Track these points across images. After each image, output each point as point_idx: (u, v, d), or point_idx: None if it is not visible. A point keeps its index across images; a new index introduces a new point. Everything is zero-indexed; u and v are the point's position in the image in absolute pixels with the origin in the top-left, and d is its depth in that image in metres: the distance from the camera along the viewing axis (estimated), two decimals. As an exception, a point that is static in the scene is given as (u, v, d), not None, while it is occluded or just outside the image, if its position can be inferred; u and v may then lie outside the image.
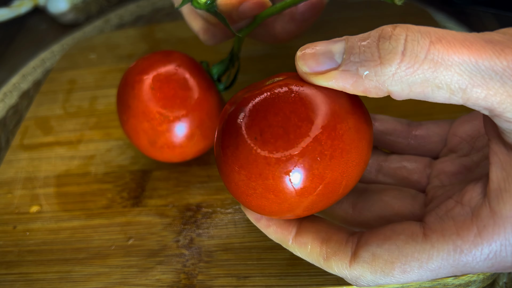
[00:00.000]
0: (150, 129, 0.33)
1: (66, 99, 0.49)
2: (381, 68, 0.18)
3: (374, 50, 0.18)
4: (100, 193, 0.38)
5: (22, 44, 0.65)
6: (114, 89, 0.50)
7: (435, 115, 0.38)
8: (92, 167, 0.41)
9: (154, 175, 0.39)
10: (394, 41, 0.18)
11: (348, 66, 0.19)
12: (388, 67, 0.18)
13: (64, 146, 0.43)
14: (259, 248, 0.32)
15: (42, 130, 0.46)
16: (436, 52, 0.17)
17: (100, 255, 0.34)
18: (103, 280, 0.32)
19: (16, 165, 0.43)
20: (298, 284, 0.30)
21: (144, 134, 0.33)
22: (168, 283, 0.31)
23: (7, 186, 0.41)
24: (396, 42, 0.18)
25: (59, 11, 0.63)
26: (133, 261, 0.33)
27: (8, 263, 0.35)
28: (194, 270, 0.32)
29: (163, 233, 0.34)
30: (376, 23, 0.33)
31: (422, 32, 0.18)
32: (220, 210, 0.35)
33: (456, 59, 0.17)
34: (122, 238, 0.35)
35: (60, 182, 0.40)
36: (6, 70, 0.60)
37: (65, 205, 0.38)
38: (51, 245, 0.35)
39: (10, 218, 0.38)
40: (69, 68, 0.53)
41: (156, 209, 0.36)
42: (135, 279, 0.32)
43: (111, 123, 0.45)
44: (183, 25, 0.56)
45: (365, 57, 0.18)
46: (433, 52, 0.17)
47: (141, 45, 0.54)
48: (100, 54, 0.54)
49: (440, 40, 0.18)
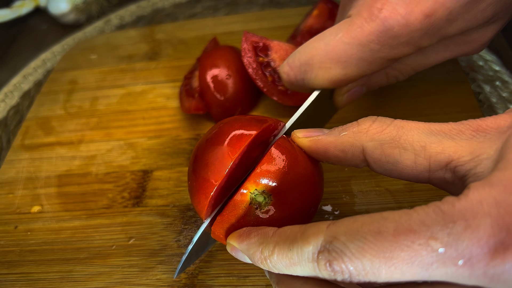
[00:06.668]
0: None
1: (67, 100, 0.49)
2: (357, 127, 0.25)
3: (354, 122, 0.25)
4: (101, 193, 0.39)
5: (23, 45, 0.65)
6: (115, 89, 0.51)
7: (434, 115, 0.38)
8: (93, 167, 0.41)
9: (154, 175, 0.39)
10: (365, 120, 0.25)
11: (332, 132, 0.26)
12: (363, 126, 0.24)
13: (65, 146, 0.44)
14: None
15: (43, 130, 0.46)
16: (398, 122, 0.24)
17: (101, 254, 0.34)
18: (104, 280, 0.32)
19: (17, 165, 0.43)
20: (298, 283, 0.30)
21: None
22: (169, 282, 0.32)
23: (8, 186, 0.41)
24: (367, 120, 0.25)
25: (60, 11, 0.63)
26: (134, 261, 0.33)
27: (9, 263, 0.35)
28: (195, 270, 0.32)
29: (163, 233, 0.35)
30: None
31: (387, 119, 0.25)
32: (221, 210, 0.35)
33: (414, 125, 0.23)
34: (123, 238, 0.35)
35: (61, 182, 0.40)
36: (7, 71, 0.60)
37: (66, 205, 0.38)
38: (52, 245, 0.36)
39: (11, 218, 0.38)
40: (70, 69, 0.53)
41: (157, 209, 0.36)
42: (136, 279, 0.32)
43: (112, 123, 0.45)
44: (183, 26, 0.56)
45: (346, 126, 0.25)
46: (397, 122, 0.24)
47: (141, 46, 0.54)
48: (101, 54, 0.54)
49: (401, 121, 0.24)
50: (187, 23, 0.56)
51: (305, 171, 0.26)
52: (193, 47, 0.52)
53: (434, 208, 0.19)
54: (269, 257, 0.22)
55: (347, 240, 0.19)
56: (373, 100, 0.40)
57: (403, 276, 0.18)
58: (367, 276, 0.19)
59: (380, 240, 0.18)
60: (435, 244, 0.18)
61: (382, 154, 0.24)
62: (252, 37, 0.41)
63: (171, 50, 0.53)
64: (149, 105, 0.46)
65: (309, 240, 0.21)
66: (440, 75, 0.41)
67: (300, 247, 0.21)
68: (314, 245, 0.20)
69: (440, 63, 0.33)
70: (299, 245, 0.21)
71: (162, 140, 0.42)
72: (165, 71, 0.50)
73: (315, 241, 0.20)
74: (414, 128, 0.23)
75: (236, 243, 0.25)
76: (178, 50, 0.52)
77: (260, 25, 0.52)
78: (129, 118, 0.45)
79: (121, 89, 0.49)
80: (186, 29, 0.55)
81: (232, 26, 0.54)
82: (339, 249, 0.19)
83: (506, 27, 0.31)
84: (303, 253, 0.21)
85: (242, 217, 0.25)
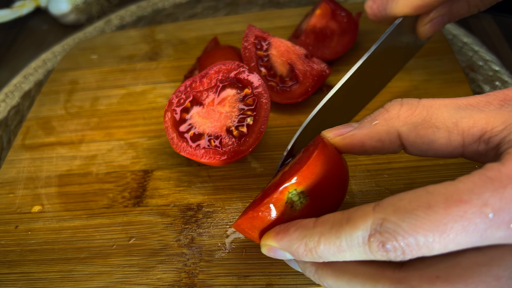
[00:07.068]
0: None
1: (67, 100, 0.49)
2: (388, 114, 0.25)
3: (381, 110, 0.25)
4: (102, 193, 0.39)
5: (24, 45, 0.65)
6: (115, 90, 0.51)
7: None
8: (93, 167, 0.41)
9: (155, 175, 0.39)
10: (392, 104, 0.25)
11: (362, 124, 0.26)
12: (392, 111, 0.25)
13: (66, 146, 0.44)
14: (260, 247, 0.32)
15: (43, 130, 0.46)
16: (425, 102, 0.24)
17: (102, 254, 0.34)
18: (104, 279, 0.33)
19: (18, 165, 0.43)
20: (298, 283, 0.30)
21: None
22: (169, 282, 0.32)
23: (9, 186, 0.41)
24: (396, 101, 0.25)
25: (60, 12, 0.63)
26: (135, 260, 0.33)
27: (10, 262, 0.35)
28: (195, 269, 0.32)
29: (164, 232, 0.35)
30: (376, 24, 0.34)
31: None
32: (221, 209, 0.35)
33: (442, 103, 0.24)
34: (123, 238, 0.35)
35: (61, 182, 0.40)
36: (8, 71, 0.60)
37: (67, 205, 0.38)
38: (53, 245, 0.36)
39: (12, 218, 0.38)
40: (70, 69, 0.53)
41: (157, 208, 0.36)
42: (136, 278, 0.32)
43: (113, 123, 0.45)
44: (183, 26, 0.56)
45: (375, 115, 0.25)
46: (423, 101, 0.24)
47: (142, 46, 0.54)
48: (101, 54, 0.54)
49: (428, 100, 0.24)
50: (187, 23, 0.56)
51: (340, 170, 0.26)
52: (194, 47, 0.52)
53: (479, 176, 0.19)
54: (315, 248, 0.22)
55: (398, 219, 0.20)
56: (374, 100, 0.40)
57: (458, 246, 0.19)
58: (420, 250, 0.19)
59: (431, 215, 0.19)
60: (487, 210, 0.18)
61: (417, 136, 0.24)
62: (255, 31, 0.42)
63: (172, 50, 0.53)
64: (149, 105, 0.46)
65: (357, 225, 0.21)
66: (440, 75, 0.41)
67: (348, 233, 0.21)
68: (363, 229, 0.21)
69: (440, 63, 0.34)
70: (347, 231, 0.21)
71: (162, 140, 0.42)
72: (165, 71, 0.50)
73: (364, 225, 0.21)
74: (442, 105, 0.23)
75: (275, 242, 0.24)
76: (179, 50, 0.52)
77: (260, 25, 0.52)
78: (129, 118, 0.45)
79: (122, 89, 0.49)
80: (187, 29, 0.55)
81: (232, 26, 0.54)
82: (391, 229, 0.20)
83: (505, 27, 0.31)
84: (353, 239, 0.21)
85: (276, 215, 0.25)
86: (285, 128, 0.40)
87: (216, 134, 0.35)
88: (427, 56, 0.44)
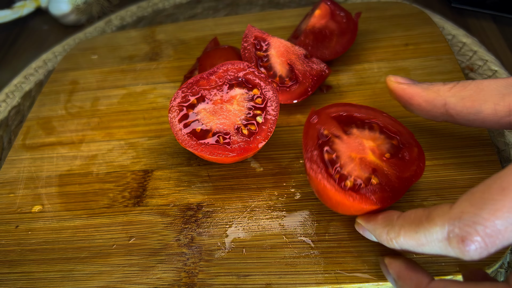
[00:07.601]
0: None
1: (68, 100, 0.49)
2: (443, 86, 0.29)
3: (439, 82, 0.30)
4: (102, 192, 0.39)
5: (24, 45, 0.65)
6: (116, 90, 0.51)
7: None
8: (93, 167, 0.41)
9: (155, 175, 0.39)
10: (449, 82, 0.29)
11: (420, 84, 0.30)
12: (448, 85, 0.29)
13: (66, 146, 0.44)
14: (259, 247, 0.32)
15: (44, 130, 0.46)
16: (478, 81, 0.28)
17: (102, 254, 0.34)
18: (104, 279, 0.33)
19: (18, 165, 0.43)
20: (298, 282, 0.30)
21: None
22: (169, 281, 0.32)
23: (9, 186, 0.41)
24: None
25: (61, 12, 0.64)
26: (135, 260, 0.33)
27: (10, 262, 0.35)
28: (195, 269, 0.32)
29: (164, 232, 0.35)
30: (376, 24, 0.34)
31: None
32: (220, 209, 0.35)
33: (492, 81, 0.27)
34: (123, 237, 0.35)
35: (62, 182, 0.40)
36: (8, 71, 0.60)
37: (67, 204, 0.38)
38: (53, 244, 0.36)
39: (12, 218, 0.38)
40: (70, 69, 0.53)
41: (157, 208, 0.37)
42: (136, 278, 0.32)
43: (113, 124, 0.45)
44: (183, 27, 0.56)
45: (433, 83, 0.30)
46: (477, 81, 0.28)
47: (142, 46, 0.54)
48: (102, 55, 0.54)
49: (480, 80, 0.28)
50: (187, 24, 0.57)
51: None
52: (194, 47, 0.52)
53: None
54: (395, 238, 0.25)
55: (477, 208, 0.21)
56: (373, 100, 0.40)
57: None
58: (502, 236, 0.20)
59: (508, 194, 0.20)
60: None
61: (464, 107, 0.28)
62: (255, 31, 0.42)
63: (172, 50, 0.53)
64: (149, 105, 0.46)
65: (435, 222, 0.22)
66: (439, 75, 0.42)
67: (427, 229, 0.23)
68: (441, 225, 0.22)
69: (439, 63, 0.34)
70: (426, 227, 0.23)
71: (162, 140, 0.42)
72: (165, 71, 0.50)
73: (442, 222, 0.22)
74: (492, 83, 0.27)
75: (364, 223, 0.28)
76: (179, 51, 0.53)
77: (260, 26, 0.52)
78: (130, 118, 0.45)
79: (122, 89, 0.49)
80: (187, 29, 0.56)
81: (232, 26, 0.54)
82: (470, 221, 0.21)
83: (505, 27, 0.32)
84: (431, 235, 0.22)
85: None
86: (285, 128, 0.41)
87: (225, 131, 0.35)
88: (427, 56, 0.44)
